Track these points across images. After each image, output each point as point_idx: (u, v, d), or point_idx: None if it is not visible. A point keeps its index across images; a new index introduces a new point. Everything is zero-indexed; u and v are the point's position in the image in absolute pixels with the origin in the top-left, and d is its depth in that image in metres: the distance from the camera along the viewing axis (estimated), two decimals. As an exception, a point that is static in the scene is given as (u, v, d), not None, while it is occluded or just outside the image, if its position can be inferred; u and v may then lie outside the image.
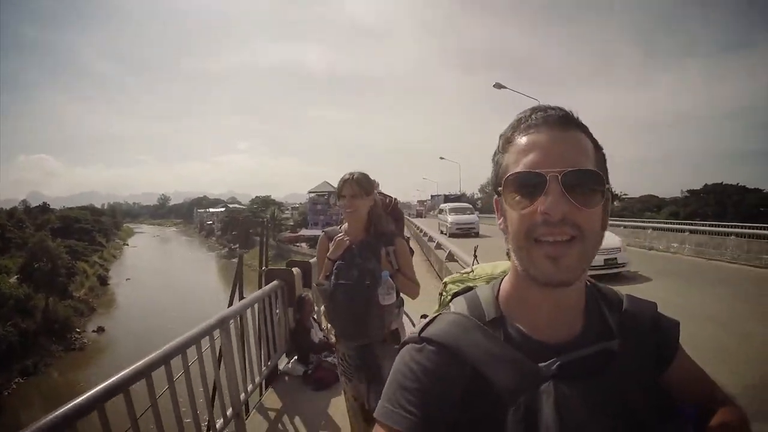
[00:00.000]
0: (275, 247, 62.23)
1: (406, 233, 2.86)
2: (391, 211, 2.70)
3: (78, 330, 35.02)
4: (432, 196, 76.34)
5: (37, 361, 28.79)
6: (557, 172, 0.66)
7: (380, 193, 2.65)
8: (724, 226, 15.15)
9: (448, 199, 69.27)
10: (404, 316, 2.64)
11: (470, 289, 0.90)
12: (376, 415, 0.73)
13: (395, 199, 2.83)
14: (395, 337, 2.43)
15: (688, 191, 43.01)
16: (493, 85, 25.94)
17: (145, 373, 2.34)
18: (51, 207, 71.50)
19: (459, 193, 70.67)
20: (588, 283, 0.81)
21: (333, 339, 3.08)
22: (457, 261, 10.04)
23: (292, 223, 64.03)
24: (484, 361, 0.70)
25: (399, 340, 2.30)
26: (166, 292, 47.88)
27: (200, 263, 74.20)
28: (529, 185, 0.68)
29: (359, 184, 2.38)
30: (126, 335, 33.03)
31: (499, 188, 0.74)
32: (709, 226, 15.89)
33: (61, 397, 24.04)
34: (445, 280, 1.09)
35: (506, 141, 0.75)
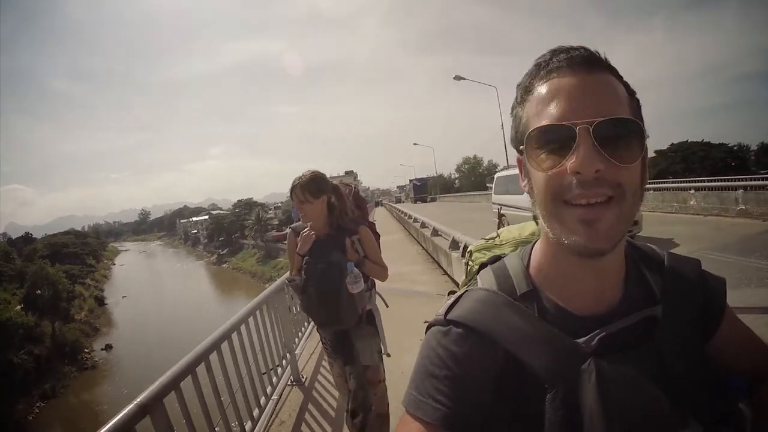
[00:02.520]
0: (263, 247, 63.77)
1: (379, 218, 3.52)
2: (353, 198, 2.73)
3: (87, 350, 36.27)
4: (410, 180, 78.55)
5: (54, 384, 30.06)
6: (587, 123, 0.57)
7: (343, 184, 2.69)
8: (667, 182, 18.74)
9: (416, 186, 71.45)
10: (377, 297, 2.75)
11: (498, 258, 0.80)
12: (404, 403, 0.68)
13: (354, 186, 2.89)
14: (369, 317, 2.58)
15: (655, 152, 45.18)
16: (453, 78, 28.58)
17: (226, 335, 2.91)
18: (33, 236, 71.81)
19: (427, 177, 73.43)
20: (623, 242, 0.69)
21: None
22: (441, 235, 10.21)
23: (276, 222, 65.64)
24: (518, 341, 0.63)
25: (373, 321, 2.59)
26: (163, 304, 49.10)
27: (191, 273, 75.20)
28: (555, 140, 0.60)
29: (304, 190, 2.40)
30: (133, 350, 34.36)
31: (521, 146, 0.66)
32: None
33: (83, 416, 25.84)
34: (470, 248, 0.98)
35: (525, 91, 0.66)
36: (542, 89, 0.63)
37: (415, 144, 64.18)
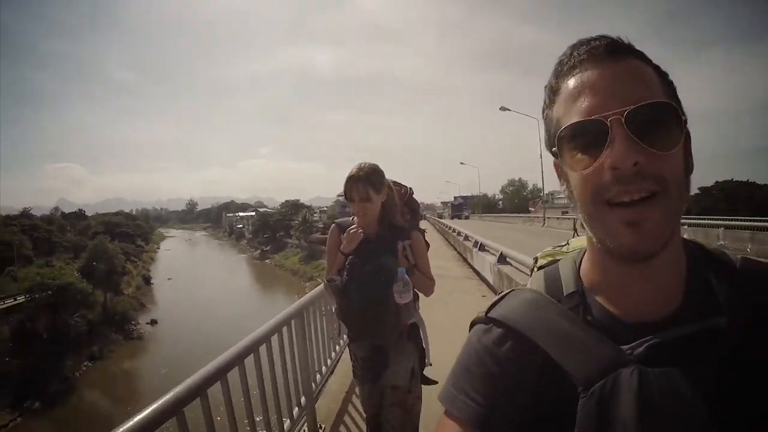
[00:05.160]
0: (307, 248, 65.27)
1: (424, 225, 2.69)
2: (407, 202, 2.54)
3: (134, 322, 38.68)
4: (455, 197, 79.32)
5: (101, 348, 32.54)
6: (618, 114, 0.53)
7: (395, 183, 2.45)
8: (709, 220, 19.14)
9: (453, 205, 72.08)
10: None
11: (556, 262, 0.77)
12: (440, 397, 0.67)
13: (410, 189, 2.64)
14: (413, 331, 2.29)
15: (699, 189, 43.98)
16: (499, 108, 30.62)
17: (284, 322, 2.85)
18: (85, 213, 76.36)
19: (471, 195, 75.64)
20: (690, 244, 0.65)
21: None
22: (469, 240, 12.78)
23: (321, 225, 67.10)
24: (555, 343, 0.60)
25: (417, 335, 2.29)
26: (205, 291, 51.13)
27: (234, 265, 77.57)
28: (588, 136, 0.56)
29: (368, 185, 2.14)
30: (176, 327, 36.46)
31: (554, 149, 0.62)
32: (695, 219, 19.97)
33: (123, 383, 27.26)
34: (537, 255, 0.94)
35: (551, 91, 0.63)
36: (568, 86, 0.60)
37: (461, 163, 65.23)
